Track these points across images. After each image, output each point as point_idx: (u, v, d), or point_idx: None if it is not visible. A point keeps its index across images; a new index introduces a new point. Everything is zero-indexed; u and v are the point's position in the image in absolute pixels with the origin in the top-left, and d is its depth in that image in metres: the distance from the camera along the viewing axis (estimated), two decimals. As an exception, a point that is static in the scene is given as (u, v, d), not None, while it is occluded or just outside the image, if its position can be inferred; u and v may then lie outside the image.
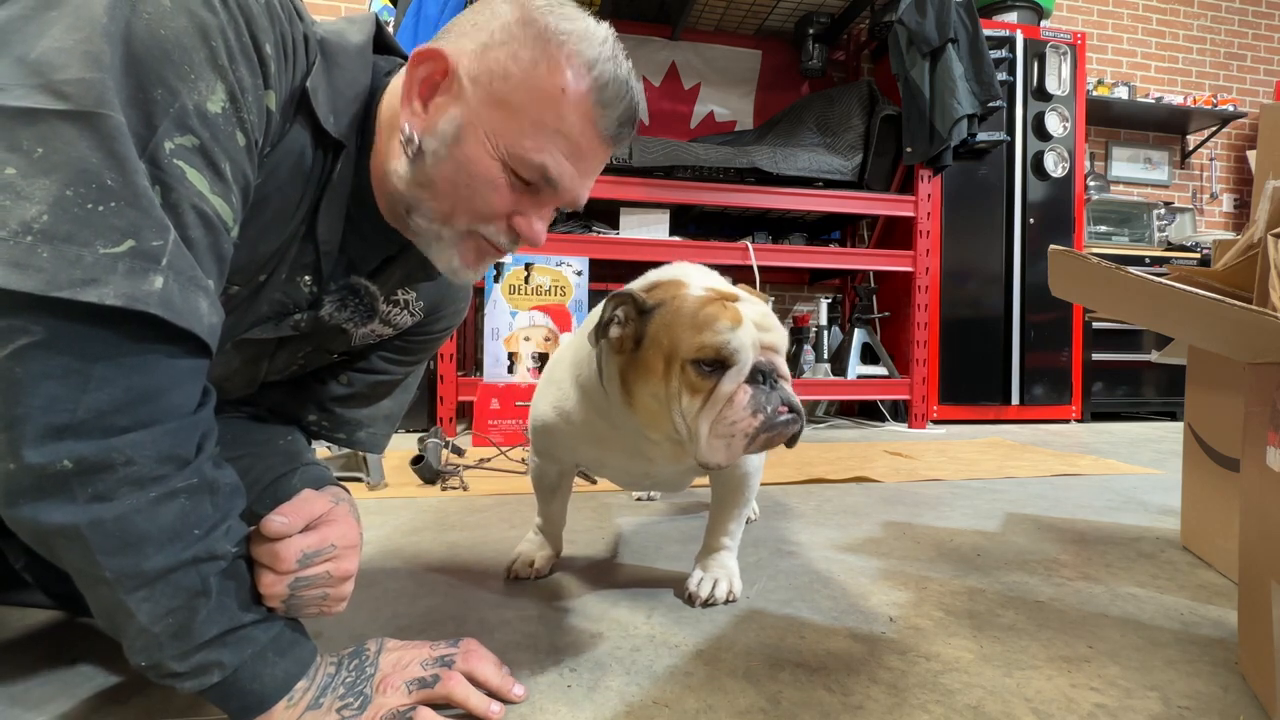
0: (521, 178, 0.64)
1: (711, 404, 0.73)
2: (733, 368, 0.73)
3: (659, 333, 0.76)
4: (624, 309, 0.78)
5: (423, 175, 0.63)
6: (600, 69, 0.63)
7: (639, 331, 0.77)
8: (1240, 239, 0.90)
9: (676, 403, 0.74)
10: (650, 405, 0.76)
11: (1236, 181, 4.47)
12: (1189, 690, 0.72)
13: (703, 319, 0.74)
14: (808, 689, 0.72)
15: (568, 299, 2.66)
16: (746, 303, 0.77)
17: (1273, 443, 0.68)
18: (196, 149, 0.49)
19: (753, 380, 0.74)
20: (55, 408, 0.45)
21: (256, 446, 0.76)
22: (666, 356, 0.74)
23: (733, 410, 0.72)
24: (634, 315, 0.77)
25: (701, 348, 0.72)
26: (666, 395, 0.74)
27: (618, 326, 0.78)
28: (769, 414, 0.73)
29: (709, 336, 0.73)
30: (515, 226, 0.67)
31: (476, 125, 0.62)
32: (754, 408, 0.73)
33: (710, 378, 0.73)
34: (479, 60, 0.62)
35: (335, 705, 0.59)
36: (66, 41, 0.44)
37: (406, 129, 0.63)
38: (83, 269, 0.43)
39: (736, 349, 0.73)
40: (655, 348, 0.75)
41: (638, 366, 0.76)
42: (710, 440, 0.73)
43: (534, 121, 0.62)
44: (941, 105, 2.76)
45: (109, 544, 0.47)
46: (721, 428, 0.73)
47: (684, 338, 0.74)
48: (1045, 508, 1.52)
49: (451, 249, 0.67)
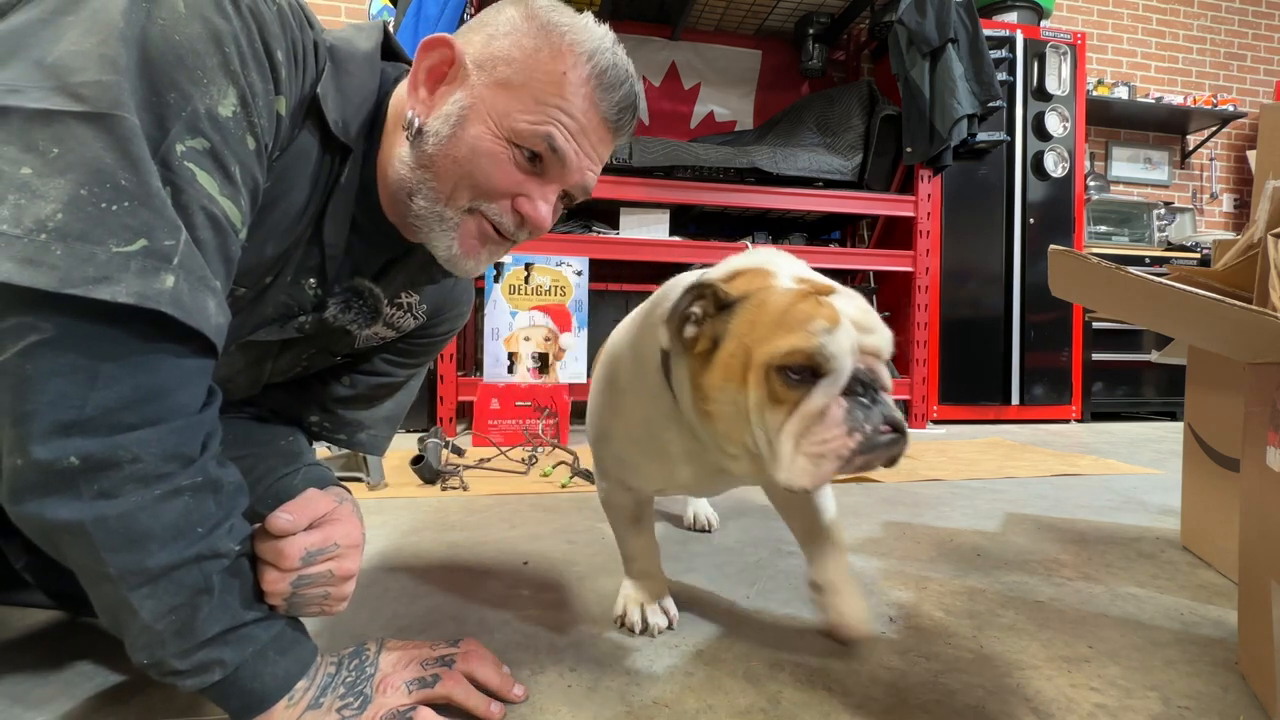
0: (526, 154, 0.64)
1: (799, 418, 0.61)
2: (827, 376, 0.61)
3: (740, 331, 0.64)
4: (702, 303, 0.66)
5: (424, 156, 0.64)
6: (600, 56, 0.65)
7: (717, 329, 0.65)
8: (1240, 239, 0.90)
9: (757, 414, 0.63)
10: (727, 414, 0.65)
11: (1236, 181, 4.47)
12: (1189, 690, 0.72)
13: (793, 317, 0.62)
14: (808, 689, 0.72)
15: (568, 299, 2.66)
16: (843, 297, 0.65)
17: (1273, 443, 0.68)
18: (207, 152, 0.50)
19: (850, 392, 0.62)
20: (63, 404, 0.45)
21: (259, 446, 0.77)
22: (747, 360, 0.63)
23: (824, 427, 0.61)
24: (712, 311, 0.66)
25: (790, 352, 0.60)
26: (748, 404, 0.63)
27: (693, 325, 0.66)
28: (868, 433, 0.61)
29: (799, 339, 0.61)
30: (519, 208, 0.67)
31: (480, 106, 0.63)
32: (850, 425, 0.61)
33: (798, 387, 0.61)
34: (484, 49, 0.64)
35: (335, 705, 0.59)
36: (83, 45, 0.45)
37: (409, 114, 0.64)
38: (95, 267, 0.44)
39: (832, 355, 0.61)
40: (735, 349, 0.64)
41: (714, 369, 0.65)
42: (795, 460, 0.61)
43: (537, 99, 0.63)
44: (941, 105, 2.76)
45: (113, 541, 0.48)
46: (809, 447, 0.61)
47: (769, 339, 0.62)
48: (1045, 508, 1.52)
49: (452, 232, 0.66)
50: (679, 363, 0.70)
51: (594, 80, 0.65)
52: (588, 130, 0.66)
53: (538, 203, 0.67)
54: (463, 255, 0.68)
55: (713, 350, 0.65)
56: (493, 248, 0.69)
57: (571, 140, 0.65)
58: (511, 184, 0.65)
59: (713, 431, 0.68)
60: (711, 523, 1.32)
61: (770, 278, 0.67)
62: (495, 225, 0.67)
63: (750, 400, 0.63)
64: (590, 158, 0.68)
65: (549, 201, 0.68)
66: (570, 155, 0.66)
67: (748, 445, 0.65)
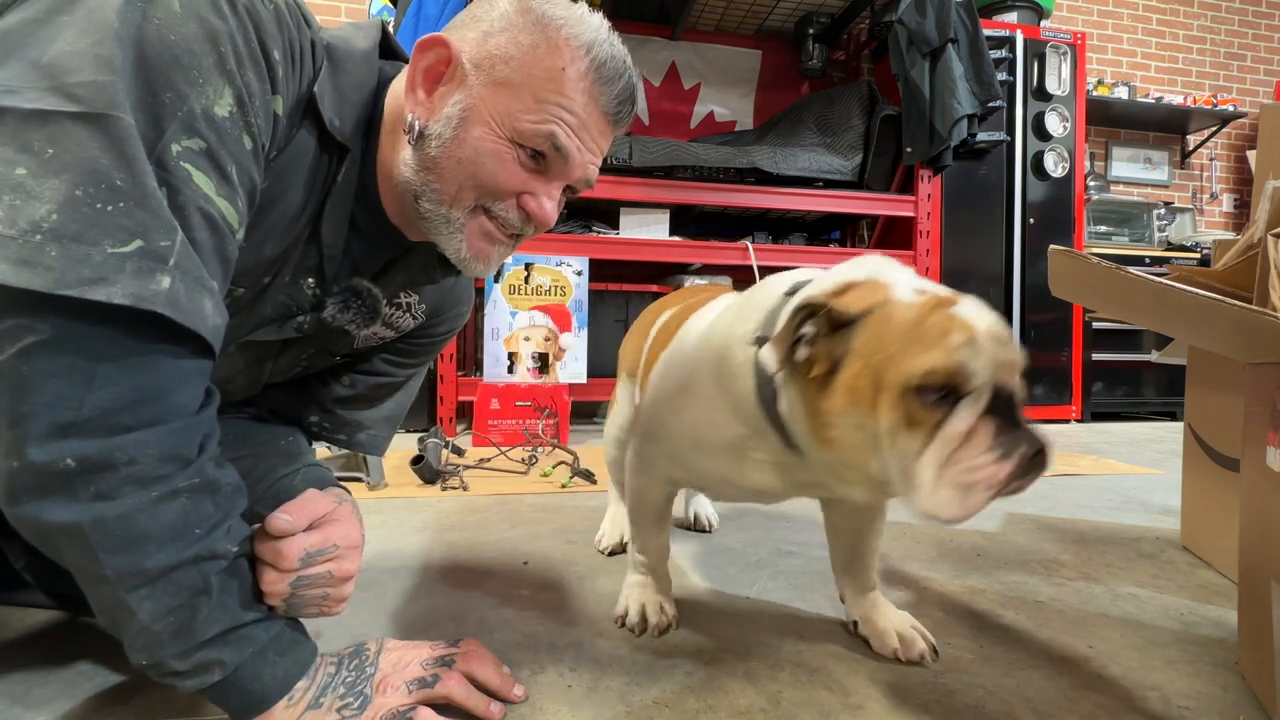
0: (530, 153, 0.65)
1: (940, 443, 0.57)
2: (968, 396, 0.57)
3: (866, 351, 0.59)
4: (814, 323, 0.61)
5: (427, 159, 0.64)
6: (597, 49, 0.65)
7: (835, 350, 0.61)
8: (1240, 239, 0.90)
9: (889, 440, 0.58)
10: (852, 441, 0.60)
11: (1236, 181, 4.47)
12: (1189, 690, 0.72)
13: (926, 333, 0.57)
14: (808, 689, 0.72)
15: (568, 299, 2.66)
16: (972, 306, 0.61)
17: (1273, 443, 0.68)
18: (203, 152, 0.50)
19: (991, 411, 0.57)
20: (60, 406, 0.45)
21: (258, 447, 0.77)
22: (877, 382, 0.58)
23: (971, 453, 0.56)
24: (827, 330, 0.61)
25: (929, 372, 0.56)
26: (878, 430, 0.58)
27: (805, 346, 0.62)
28: (1020, 460, 0.56)
29: (937, 357, 0.56)
30: (525, 206, 0.67)
31: (481, 108, 0.63)
32: (1001, 450, 0.56)
33: (937, 409, 0.57)
34: (480, 47, 0.64)
35: (335, 705, 0.59)
36: (79, 45, 0.45)
37: (409, 118, 0.63)
38: (91, 268, 0.44)
39: (974, 372, 0.56)
40: (861, 370, 0.59)
41: (836, 393, 0.60)
42: (938, 490, 0.57)
43: (537, 97, 0.63)
44: (941, 105, 2.76)
45: (111, 542, 0.48)
46: (957, 475, 0.56)
47: (902, 358, 0.57)
48: (1045, 508, 1.52)
49: (459, 234, 0.66)
50: (789, 386, 0.65)
51: (593, 74, 0.65)
52: (588, 125, 0.66)
53: (543, 200, 0.67)
54: (472, 258, 0.68)
55: (831, 373, 0.61)
56: (501, 248, 0.70)
57: (573, 136, 0.65)
58: (517, 183, 0.66)
59: (834, 459, 0.63)
60: (712, 522, 1.32)
61: (888, 290, 0.62)
62: (501, 222, 0.67)
63: (881, 426, 0.58)
64: (592, 151, 0.68)
65: (554, 198, 0.68)
66: (573, 152, 0.66)
67: (873, 473, 0.61)
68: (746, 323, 0.70)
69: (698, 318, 0.83)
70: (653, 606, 0.86)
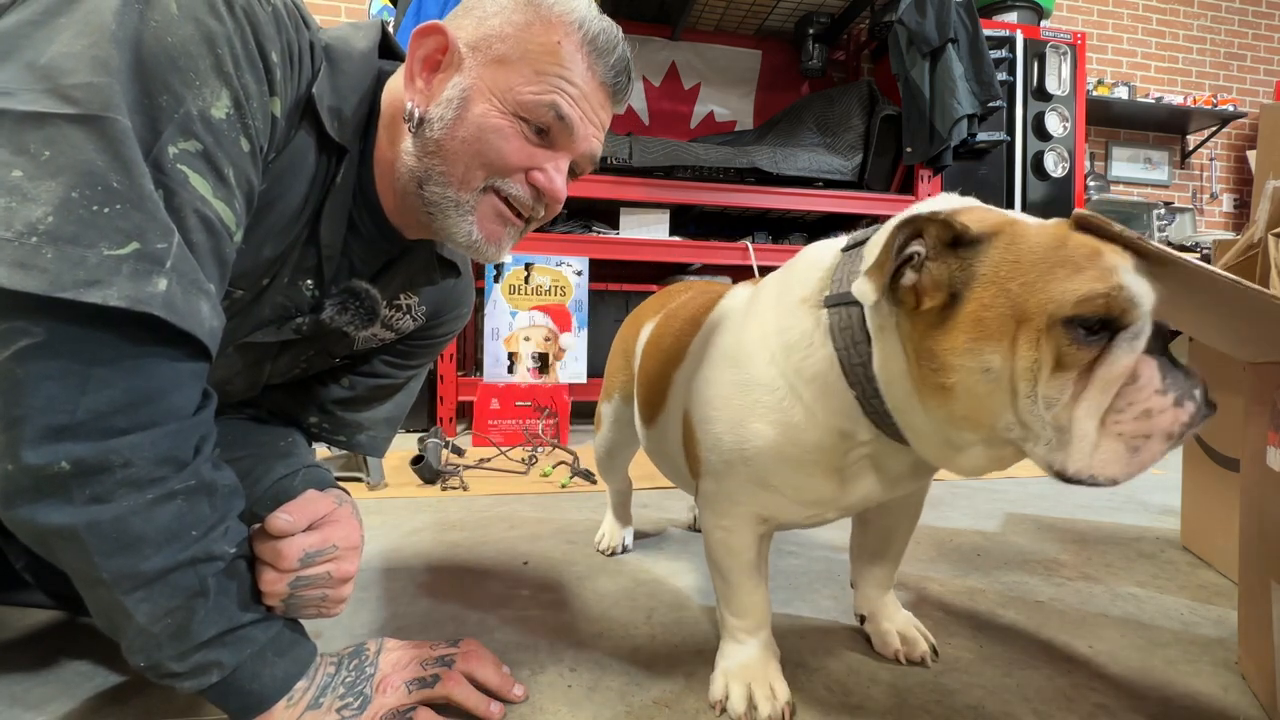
0: (533, 126, 0.64)
1: (1099, 387, 0.48)
2: (1127, 329, 0.48)
3: (1000, 276, 0.50)
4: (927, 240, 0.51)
5: (430, 143, 0.64)
6: (589, 24, 0.66)
7: (954, 276, 0.51)
8: (1240, 239, 0.90)
9: (1029, 384, 0.49)
10: (976, 389, 0.51)
11: (1236, 181, 4.47)
12: (1189, 690, 0.72)
13: (1072, 254, 0.48)
14: (807, 689, 0.72)
15: (568, 299, 2.66)
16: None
17: (1273, 443, 0.68)
18: (200, 154, 0.50)
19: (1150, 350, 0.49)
20: (54, 409, 0.45)
21: (258, 448, 0.76)
22: (1018, 312, 0.49)
23: (1142, 395, 0.48)
24: (944, 252, 0.51)
25: (1085, 299, 0.47)
26: (1014, 372, 0.49)
27: (913, 271, 0.52)
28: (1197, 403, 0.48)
29: (1094, 281, 0.47)
30: (534, 182, 0.67)
31: (481, 85, 0.63)
32: (1178, 393, 0.48)
33: (1090, 346, 0.48)
34: (476, 31, 0.64)
35: (335, 705, 0.59)
36: (75, 47, 0.45)
37: (409, 106, 0.63)
38: (86, 270, 0.43)
39: (1136, 298, 0.47)
40: (993, 299, 0.49)
41: (956, 329, 0.51)
42: (1100, 444, 0.48)
43: (536, 69, 0.64)
44: (941, 105, 2.76)
45: (106, 545, 0.48)
46: (1127, 424, 0.48)
47: (1049, 282, 0.48)
48: (1045, 508, 1.52)
49: (470, 215, 0.66)
50: (886, 333, 0.55)
51: (588, 46, 0.65)
52: (589, 95, 0.66)
53: (552, 174, 0.67)
54: (485, 240, 0.67)
55: (948, 306, 0.51)
56: (513, 230, 0.69)
57: (575, 106, 0.65)
58: (524, 158, 0.65)
59: (948, 414, 0.53)
60: None
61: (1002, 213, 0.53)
62: (513, 202, 0.67)
63: (1019, 366, 0.49)
64: (594, 124, 0.68)
65: (562, 172, 0.68)
66: (576, 121, 0.66)
67: (1000, 429, 0.52)
68: (803, 287, 0.62)
69: (713, 330, 0.74)
70: (761, 691, 0.67)
